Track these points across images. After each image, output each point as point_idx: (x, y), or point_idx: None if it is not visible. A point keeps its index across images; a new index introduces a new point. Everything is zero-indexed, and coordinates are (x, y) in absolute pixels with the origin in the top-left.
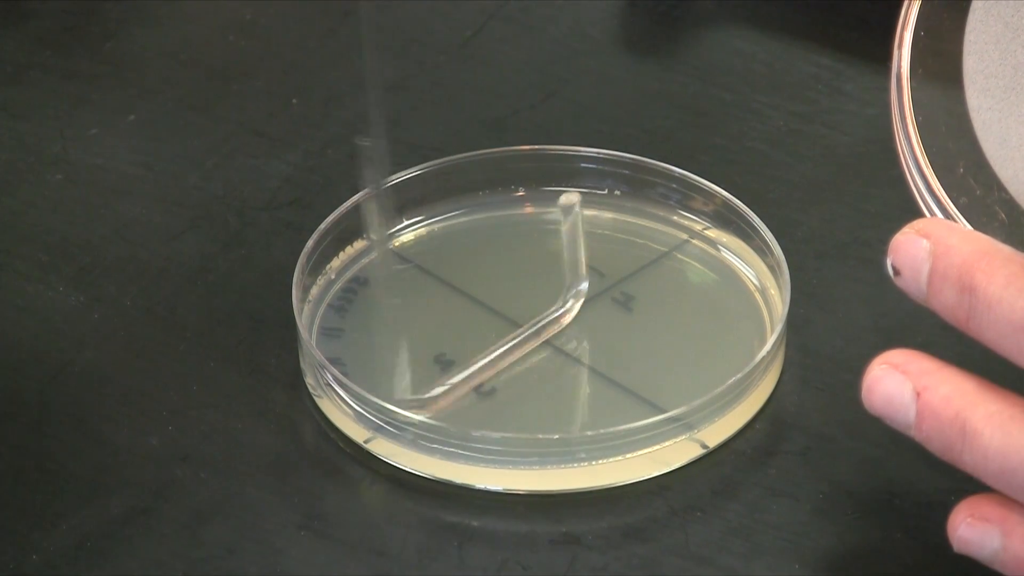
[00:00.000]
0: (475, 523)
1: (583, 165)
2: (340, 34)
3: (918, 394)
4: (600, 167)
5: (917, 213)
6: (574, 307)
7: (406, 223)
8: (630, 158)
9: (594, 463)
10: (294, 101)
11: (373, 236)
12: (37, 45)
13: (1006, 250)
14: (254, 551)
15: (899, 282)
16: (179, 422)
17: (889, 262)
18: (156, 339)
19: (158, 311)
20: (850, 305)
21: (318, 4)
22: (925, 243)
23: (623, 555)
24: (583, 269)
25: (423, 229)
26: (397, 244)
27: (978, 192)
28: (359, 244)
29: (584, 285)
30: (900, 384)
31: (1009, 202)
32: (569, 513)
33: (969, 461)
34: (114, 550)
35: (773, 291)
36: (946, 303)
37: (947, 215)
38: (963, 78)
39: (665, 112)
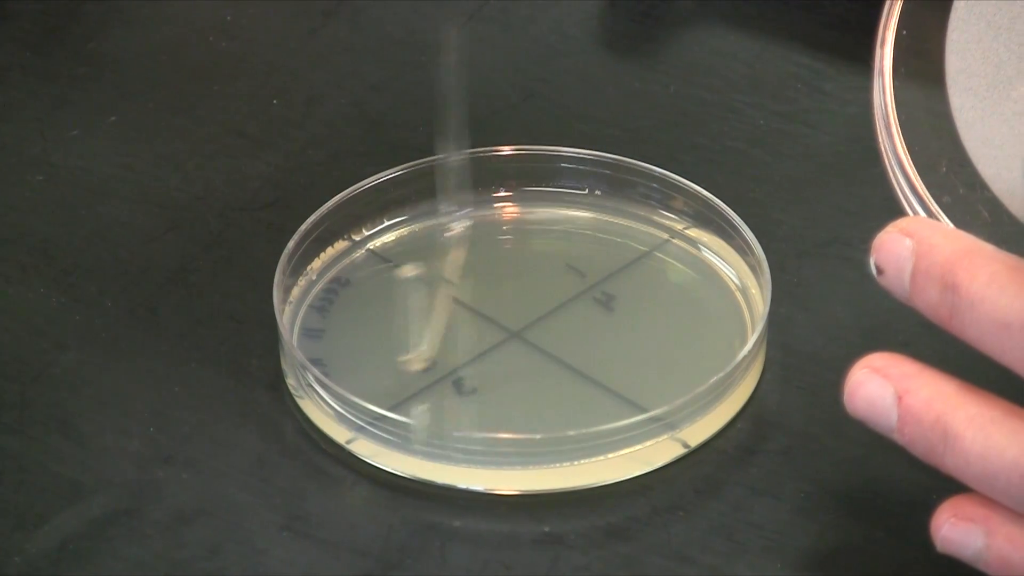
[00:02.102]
0: (457, 523)
1: (563, 165)
2: (320, 35)
3: (899, 397)
4: (581, 167)
5: (899, 212)
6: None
7: (387, 223)
8: (611, 158)
9: (576, 463)
10: (275, 102)
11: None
12: (17, 46)
13: (989, 248)
14: (236, 552)
15: (882, 281)
16: (161, 423)
17: (872, 261)
18: (137, 340)
19: (139, 312)
20: (831, 304)
21: (298, 5)
22: (908, 242)
23: (605, 554)
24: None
25: (404, 230)
26: (378, 245)
27: (961, 191)
28: (340, 245)
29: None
30: (881, 388)
31: (992, 200)
32: (551, 513)
33: (951, 464)
34: (96, 551)
35: (754, 290)
36: (929, 301)
37: (930, 214)
38: (945, 77)
39: (646, 112)
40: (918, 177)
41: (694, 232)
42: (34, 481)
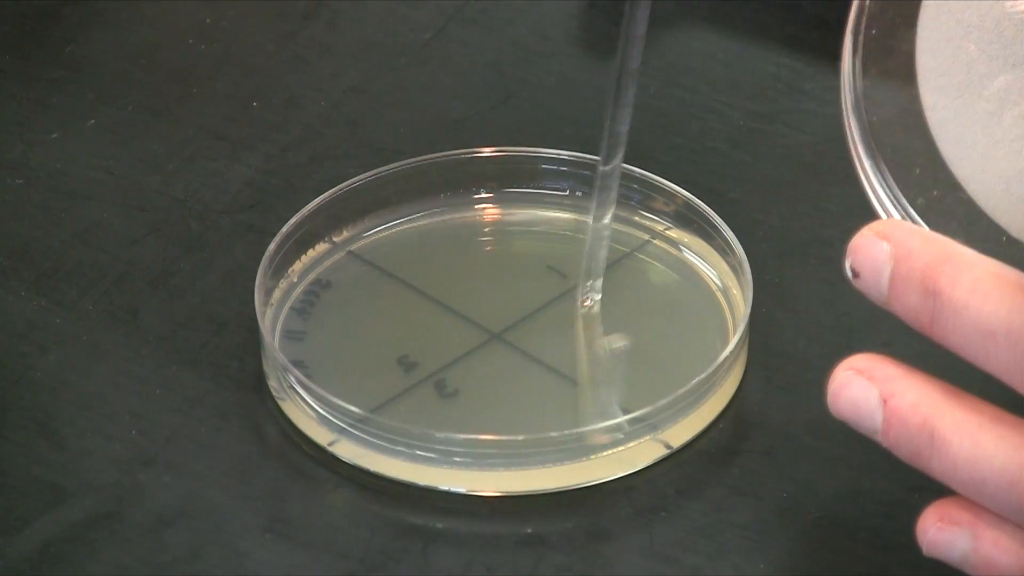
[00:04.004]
0: (440, 524)
1: (544, 166)
2: (299, 37)
3: (884, 400)
4: (561, 168)
5: (877, 213)
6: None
7: (367, 225)
8: (591, 159)
9: (558, 464)
10: (254, 104)
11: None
12: None
13: (969, 253)
14: (218, 554)
15: (858, 284)
16: (142, 426)
17: (848, 264)
18: (118, 343)
19: (120, 315)
20: (812, 304)
21: (277, 7)
22: (885, 246)
23: (588, 555)
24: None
25: (385, 232)
26: (358, 247)
27: (935, 192)
28: (321, 247)
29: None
30: (866, 390)
31: (967, 202)
32: (534, 514)
33: (938, 468)
34: (77, 555)
35: (735, 291)
36: (909, 306)
37: (905, 216)
38: (917, 76)
39: None
40: (891, 179)
41: (675, 233)
42: (14, 485)
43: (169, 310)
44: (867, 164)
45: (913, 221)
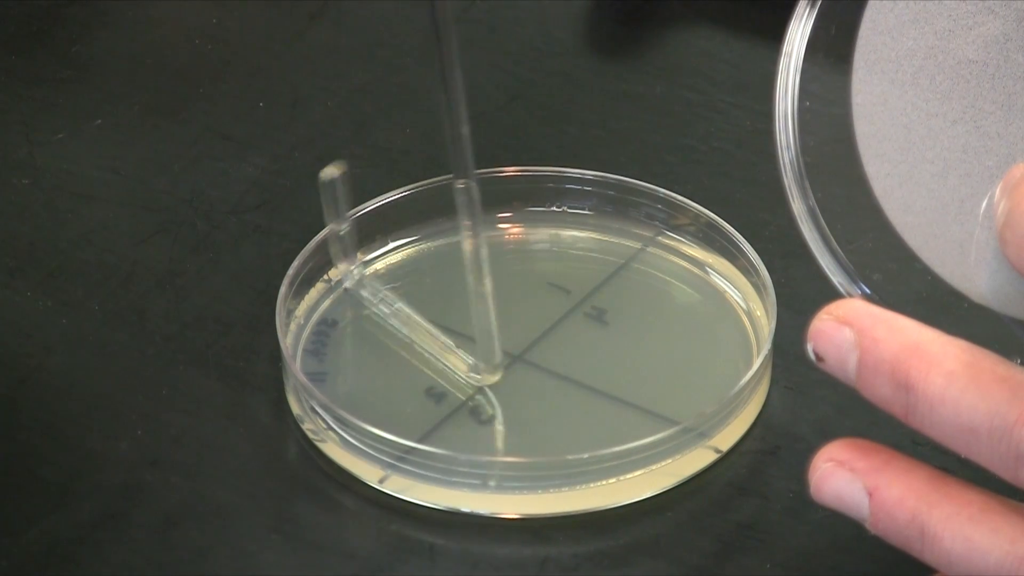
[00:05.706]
0: (445, 524)
1: (568, 185)
2: (306, 37)
3: (870, 494)
4: (545, 185)
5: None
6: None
7: (363, 260)
8: (591, 176)
9: (613, 479)
10: (261, 104)
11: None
12: (2, 50)
13: (936, 340)
14: (225, 554)
15: (823, 367)
16: (148, 426)
17: (810, 347)
18: (124, 343)
19: (126, 315)
20: (817, 304)
21: (284, 7)
22: (849, 333)
23: (593, 554)
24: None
25: (380, 265)
26: (355, 282)
27: (891, 265)
28: (320, 286)
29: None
30: (849, 483)
31: (923, 271)
32: (537, 522)
33: (931, 560)
34: (84, 555)
35: (759, 312)
36: (880, 396)
37: (863, 293)
38: (857, 146)
39: (631, 113)
40: (845, 257)
41: (671, 240)
42: (21, 485)
43: (176, 310)
44: (819, 244)
45: (872, 298)
